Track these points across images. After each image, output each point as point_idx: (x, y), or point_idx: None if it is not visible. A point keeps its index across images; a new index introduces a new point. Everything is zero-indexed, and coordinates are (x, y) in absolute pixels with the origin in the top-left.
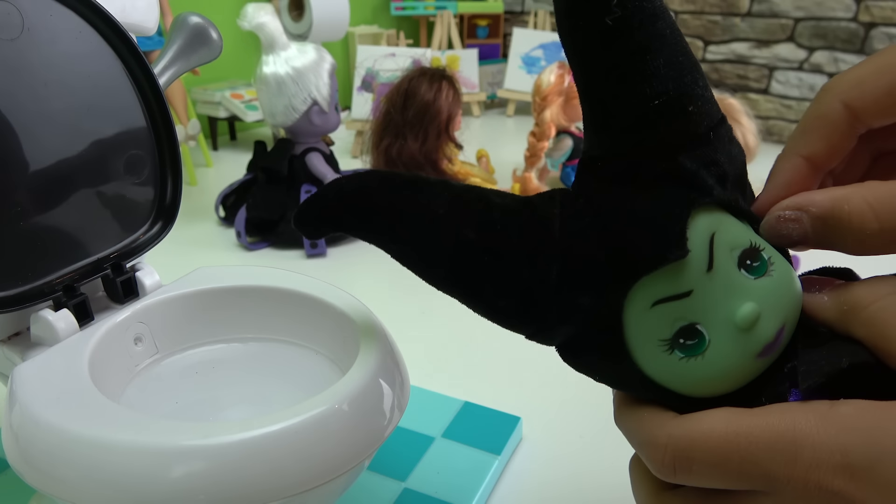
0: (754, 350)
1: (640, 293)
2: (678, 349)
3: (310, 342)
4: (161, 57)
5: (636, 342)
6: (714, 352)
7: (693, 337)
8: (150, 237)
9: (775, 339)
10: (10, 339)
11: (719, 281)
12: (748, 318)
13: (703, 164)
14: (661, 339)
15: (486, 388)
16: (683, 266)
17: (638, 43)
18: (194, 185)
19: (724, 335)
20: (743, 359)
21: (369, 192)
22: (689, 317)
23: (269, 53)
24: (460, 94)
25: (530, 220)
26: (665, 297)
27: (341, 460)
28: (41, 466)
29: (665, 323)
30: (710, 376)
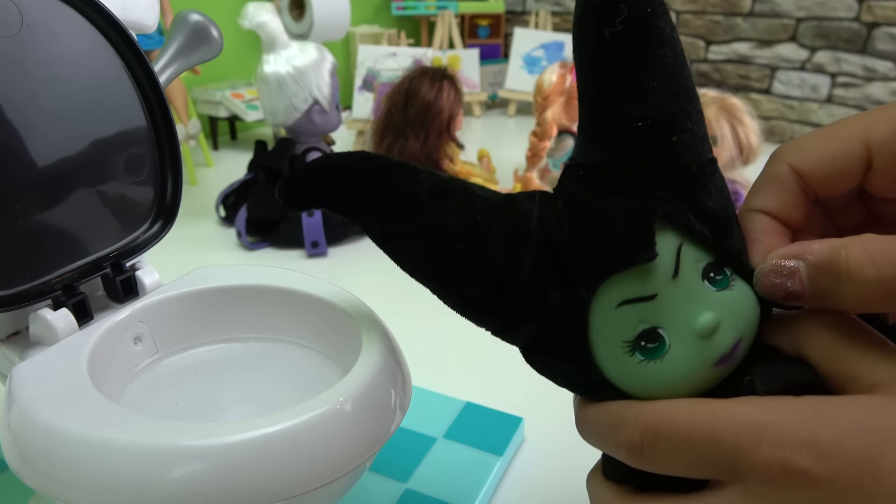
0: (711, 358)
1: (607, 292)
2: (639, 351)
3: (311, 342)
4: (161, 55)
5: (599, 342)
6: (673, 356)
7: (654, 340)
8: (150, 236)
9: (732, 350)
10: (9, 339)
11: (683, 288)
12: (707, 326)
13: (681, 197)
14: (623, 341)
15: (488, 389)
16: (651, 269)
17: (635, 61)
18: (195, 185)
19: (683, 341)
20: (700, 365)
21: (357, 170)
22: (651, 320)
23: (269, 52)
24: (461, 93)
25: (510, 214)
26: (631, 299)
27: (343, 461)
28: (40, 467)
29: (629, 324)
30: (667, 381)
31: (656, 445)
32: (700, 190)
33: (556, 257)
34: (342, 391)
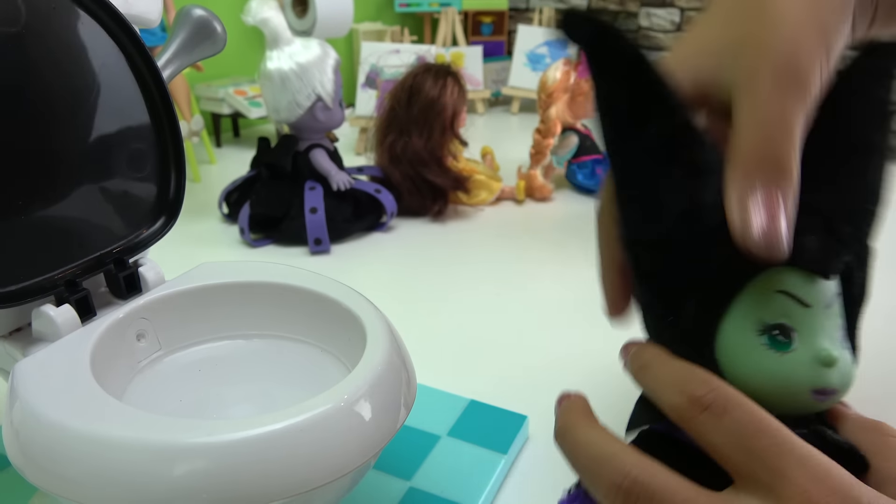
0: (816, 384)
1: (776, 274)
2: (767, 336)
3: (314, 339)
4: (164, 50)
5: (741, 306)
6: (791, 358)
7: (786, 337)
8: (153, 232)
9: (831, 392)
10: (12, 335)
11: (827, 319)
12: (830, 356)
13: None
14: (760, 319)
15: (493, 387)
16: (817, 285)
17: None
18: (198, 182)
19: (805, 354)
20: (805, 380)
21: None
22: (793, 322)
23: (273, 49)
24: (465, 90)
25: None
26: (790, 293)
27: (347, 459)
28: (42, 463)
29: (775, 311)
30: (771, 373)
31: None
32: (867, 258)
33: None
34: (346, 389)
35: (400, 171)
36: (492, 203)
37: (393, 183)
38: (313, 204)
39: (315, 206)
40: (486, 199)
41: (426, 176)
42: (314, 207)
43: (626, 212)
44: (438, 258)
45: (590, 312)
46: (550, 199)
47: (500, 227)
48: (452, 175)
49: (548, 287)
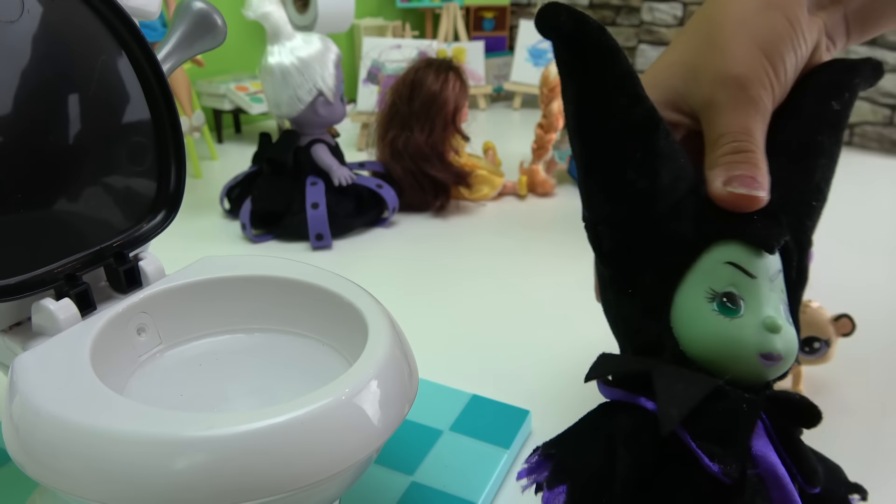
0: (763, 347)
1: (725, 247)
2: (717, 303)
3: (316, 333)
4: (164, 43)
5: (694, 277)
6: (739, 323)
7: (734, 304)
8: (153, 226)
9: (776, 357)
10: (11, 329)
11: (771, 290)
12: (775, 322)
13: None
14: (710, 288)
15: (495, 381)
16: (763, 258)
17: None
18: (199, 178)
19: (752, 319)
20: (753, 344)
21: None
22: (740, 290)
23: (274, 43)
24: (467, 85)
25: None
26: (738, 264)
27: (348, 453)
28: (42, 458)
29: (723, 280)
30: (722, 336)
31: None
32: (807, 246)
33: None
34: (348, 382)
35: (401, 166)
36: (494, 198)
37: (394, 178)
38: (315, 199)
39: (317, 201)
40: (487, 194)
41: (428, 171)
42: (316, 203)
43: (591, 196)
44: (440, 253)
45: (593, 307)
46: (552, 194)
47: (502, 222)
48: (454, 170)
49: (550, 282)
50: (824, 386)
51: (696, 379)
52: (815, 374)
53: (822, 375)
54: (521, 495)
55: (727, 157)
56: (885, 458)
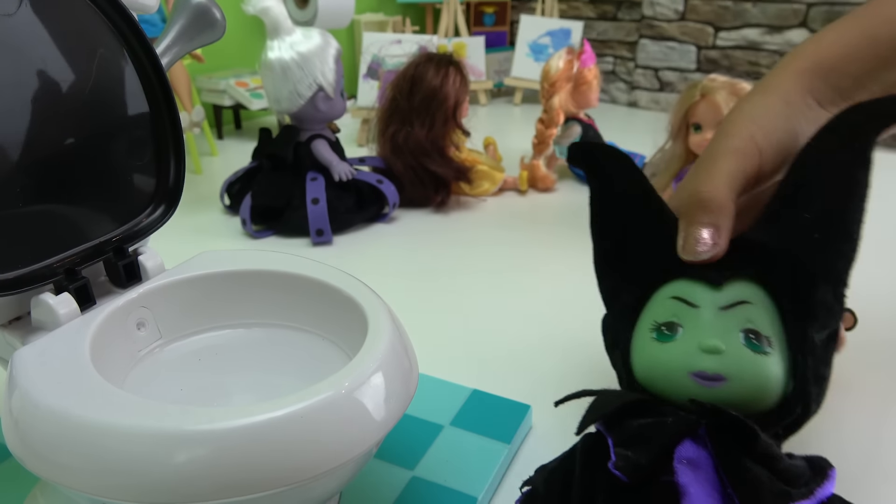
0: (692, 366)
1: (675, 284)
2: (656, 332)
3: (315, 327)
4: (163, 37)
5: (645, 314)
6: (669, 347)
7: (671, 331)
8: (153, 220)
9: (713, 378)
10: (11, 324)
11: (718, 321)
12: (709, 345)
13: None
14: (655, 320)
15: (496, 376)
16: (709, 292)
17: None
18: (199, 174)
19: (687, 342)
20: (680, 364)
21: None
22: (680, 319)
23: (273, 38)
24: (468, 80)
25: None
26: (680, 297)
27: (348, 447)
28: (42, 452)
29: (666, 312)
30: (654, 359)
31: None
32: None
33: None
34: (347, 376)
35: (402, 161)
36: (494, 193)
37: (395, 174)
38: (315, 195)
39: (317, 196)
40: (488, 189)
41: (428, 166)
42: (316, 198)
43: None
44: (441, 249)
45: (593, 302)
46: (553, 189)
47: (503, 217)
48: (455, 165)
49: (551, 277)
50: None
51: (622, 393)
52: None
53: None
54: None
55: (692, 207)
56: (888, 453)
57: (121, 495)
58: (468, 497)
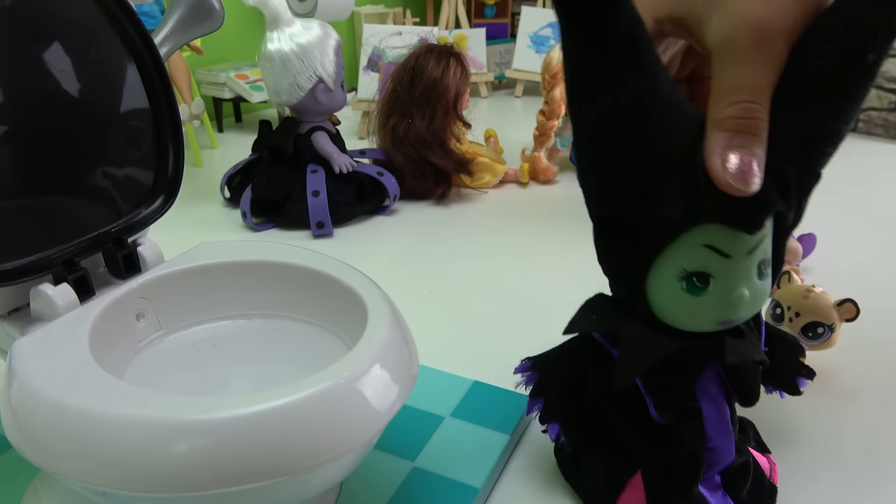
0: (722, 317)
1: (703, 231)
2: (686, 282)
3: (315, 318)
4: (161, 27)
5: (669, 257)
6: (702, 300)
7: (703, 283)
8: (152, 211)
9: (736, 321)
10: (10, 315)
11: (746, 264)
12: (742, 298)
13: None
14: (683, 268)
15: (496, 368)
16: (742, 239)
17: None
18: (199, 167)
19: (718, 295)
20: (712, 316)
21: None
22: (712, 270)
23: (273, 30)
24: (468, 71)
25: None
26: (714, 247)
27: (348, 437)
28: (42, 443)
29: (697, 261)
30: (685, 310)
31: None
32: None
33: (695, 182)
34: (347, 366)
35: (403, 153)
36: (495, 186)
37: (396, 166)
38: (315, 187)
39: (317, 189)
40: (489, 181)
41: (429, 158)
42: (316, 190)
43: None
44: (442, 241)
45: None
46: (554, 181)
47: (504, 209)
48: (456, 157)
49: (552, 269)
50: (828, 371)
51: (655, 345)
52: (818, 359)
53: (826, 360)
54: (522, 481)
55: (733, 120)
56: (888, 442)
57: (121, 485)
58: (469, 488)
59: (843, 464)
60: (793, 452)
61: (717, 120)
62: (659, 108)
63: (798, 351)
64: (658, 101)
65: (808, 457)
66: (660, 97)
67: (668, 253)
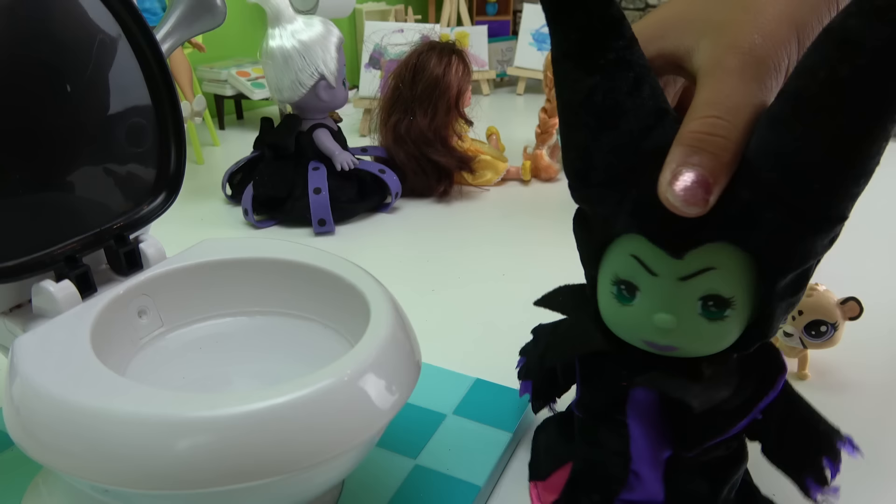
0: (645, 337)
1: (632, 239)
2: (616, 288)
3: (317, 315)
4: (163, 23)
5: (607, 258)
6: (627, 312)
7: (630, 293)
8: (154, 208)
9: (664, 347)
10: (12, 312)
11: (674, 292)
12: (664, 323)
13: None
14: (616, 273)
15: (498, 365)
16: (669, 262)
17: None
18: (201, 164)
19: (640, 312)
20: (636, 332)
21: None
22: (639, 284)
23: (275, 26)
24: (470, 68)
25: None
26: (640, 259)
27: (350, 434)
28: (44, 440)
29: (626, 270)
30: (613, 317)
31: None
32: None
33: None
34: (349, 363)
35: (404, 151)
36: (497, 183)
37: (397, 163)
38: (317, 184)
39: (319, 186)
40: (491, 179)
41: (431, 156)
42: (318, 188)
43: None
44: (444, 239)
45: None
46: (556, 178)
47: (506, 207)
48: (457, 155)
49: (553, 266)
50: (831, 369)
51: (586, 339)
52: (821, 358)
53: (829, 359)
54: (525, 479)
55: (695, 135)
56: (891, 441)
57: (123, 482)
58: (471, 485)
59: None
60: None
61: (680, 134)
62: (609, 109)
63: (821, 445)
64: (609, 102)
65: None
66: (612, 98)
67: (607, 254)
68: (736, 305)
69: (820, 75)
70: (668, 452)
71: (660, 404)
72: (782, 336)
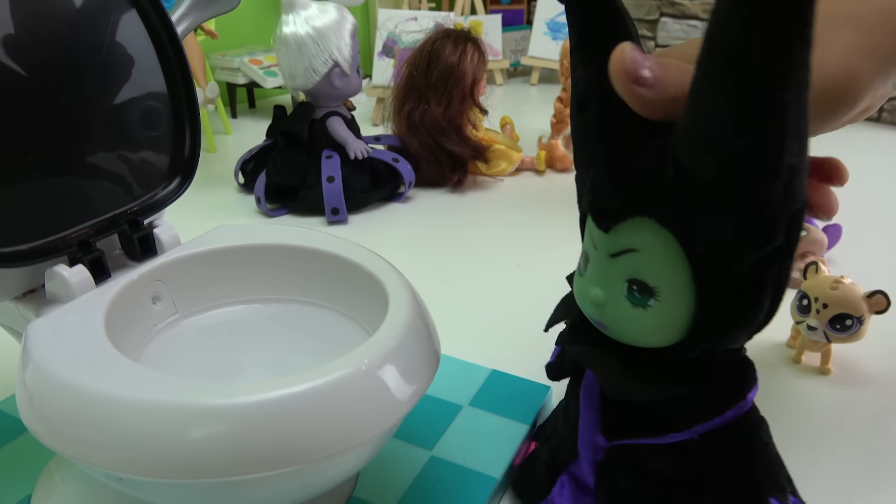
0: (584, 308)
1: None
2: (581, 260)
3: (334, 303)
4: (178, 5)
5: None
6: (580, 282)
7: (585, 265)
8: (168, 193)
9: (598, 323)
10: (25, 296)
11: (604, 267)
12: (586, 295)
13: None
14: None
15: (515, 357)
16: (601, 235)
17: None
18: (213, 152)
19: (584, 285)
20: (582, 304)
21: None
22: (589, 255)
23: (289, 13)
24: (486, 57)
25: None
26: (591, 231)
27: (367, 425)
28: (57, 426)
29: (587, 242)
30: (575, 290)
31: None
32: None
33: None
34: (368, 352)
35: (418, 139)
36: (512, 173)
37: (411, 152)
38: (330, 173)
39: (332, 174)
40: (505, 169)
41: (445, 145)
42: (331, 176)
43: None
44: (458, 229)
45: None
46: (571, 169)
47: (521, 197)
48: (472, 144)
49: (568, 257)
50: (856, 364)
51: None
52: (845, 352)
53: (854, 353)
54: None
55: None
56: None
57: (136, 470)
58: (488, 478)
59: (871, 456)
60: (820, 444)
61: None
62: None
63: (747, 488)
64: (585, 90)
65: (835, 449)
66: (587, 86)
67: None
68: (661, 298)
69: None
70: (602, 439)
71: (601, 387)
72: (806, 330)
